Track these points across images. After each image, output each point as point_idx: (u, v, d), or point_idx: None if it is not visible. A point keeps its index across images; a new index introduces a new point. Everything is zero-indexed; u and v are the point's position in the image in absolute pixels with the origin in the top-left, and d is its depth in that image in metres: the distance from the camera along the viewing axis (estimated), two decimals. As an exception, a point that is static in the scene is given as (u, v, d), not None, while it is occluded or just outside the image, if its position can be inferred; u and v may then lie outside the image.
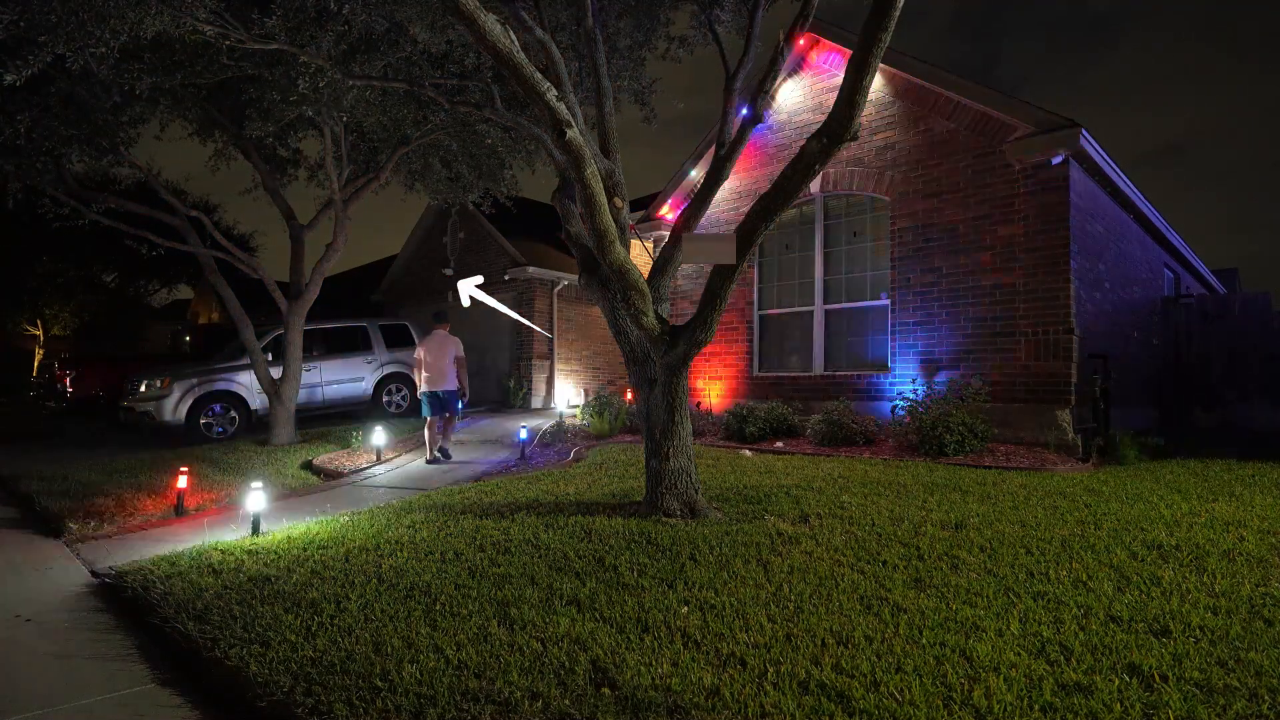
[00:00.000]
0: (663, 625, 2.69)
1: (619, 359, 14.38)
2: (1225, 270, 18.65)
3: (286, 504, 5.83)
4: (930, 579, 3.15)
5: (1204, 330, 10.56)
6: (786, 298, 9.52)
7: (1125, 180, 8.08)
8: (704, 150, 10.02)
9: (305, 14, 6.16)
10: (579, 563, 3.50)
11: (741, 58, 5.34)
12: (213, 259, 10.06)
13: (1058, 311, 7.17)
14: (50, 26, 5.57)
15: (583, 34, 5.26)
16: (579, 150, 3.76)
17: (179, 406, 10.54)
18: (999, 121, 7.58)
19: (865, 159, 8.63)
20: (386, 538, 4.10)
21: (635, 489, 5.32)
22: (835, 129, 3.52)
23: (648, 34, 6.81)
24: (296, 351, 9.86)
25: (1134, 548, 3.59)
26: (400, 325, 13.53)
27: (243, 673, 2.41)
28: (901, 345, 8.23)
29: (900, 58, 8.22)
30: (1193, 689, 2.12)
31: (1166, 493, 5.07)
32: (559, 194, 5.21)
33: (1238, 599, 2.86)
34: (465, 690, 2.22)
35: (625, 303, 4.39)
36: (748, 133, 4.65)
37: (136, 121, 8.45)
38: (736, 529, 4.05)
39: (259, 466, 7.54)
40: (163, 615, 3.03)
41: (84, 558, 4.39)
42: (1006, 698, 2.08)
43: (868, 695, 2.11)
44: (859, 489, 5.22)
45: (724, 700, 2.11)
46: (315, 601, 3.03)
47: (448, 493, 5.84)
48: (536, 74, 3.58)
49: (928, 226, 8.10)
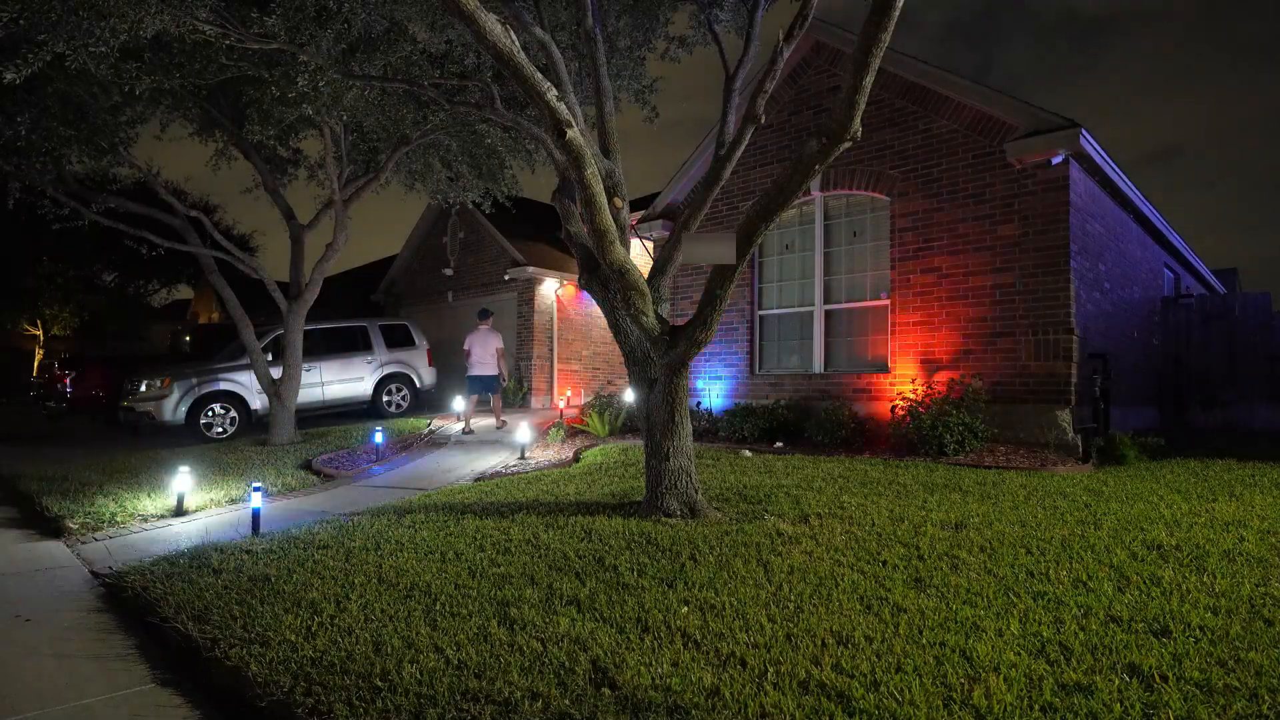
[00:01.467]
0: (663, 625, 2.69)
1: (619, 359, 14.37)
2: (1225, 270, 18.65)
3: (287, 504, 5.84)
4: (930, 579, 3.15)
5: (1204, 330, 10.56)
6: (786, 298, 9.52)
7: (1125, 180, 8.08)
8: (704, 151, 10.02)
9: (305, 13, 6.16)
10: (579, 563, 3.50)
11: (741, 58, 5.34)
12: (213, 259, 10.07)
13: (1058, 311, 7.17)
14: (50, 25, 5.57)
15: (583, 34, 5.26)
16: (579, 150, 3.76)
17: (179, 406, 10.54)
18: (999, 121, 7.58)
19: (865, 159, 8.63)
20: (387, 538, 4.10)
21: (635, 489, 5.31)
22: (835, 129, 3.52)
23: (647, 34, 6.82)
24: (296, 351, 9.87)
25: (1134, 548, 3.59)
26: (400, 325, 13.53)
27: (243, 673, 2.41)
28: (901, 345, 8.23)
29: (900, 58, 8.23)
30: (1193, 689, 2.12)
31: (1166, 493, 5.07)
32: (559, 194, 5.21)
33: (1238, 599, 2.86)
34: (465, 690, 2.22)
35: (625, 303, 4.39)
36: (747, 133, 4.65)
37: (136, 121, 8.45)
38: (736, 529, 4.05)
39: (259, 466, 7.54)
40: (163, 615, 3.02)
41: (84, 558, 4.38)
42: (1006, 698, 2.07)
43: (868, 695, 2.11)
44: (859, 489, 5.22)
45: (724, 700, 2.11)
46: (315, 601, 3.03)
47: (448, 493, 5.84)
48: (537, 74, 3.57)
49: (928, 226, 8.10)
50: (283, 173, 10.35)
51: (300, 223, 10.13)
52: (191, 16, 5.75)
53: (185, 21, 5.79)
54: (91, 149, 8.22)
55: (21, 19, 5.65)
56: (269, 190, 9.93)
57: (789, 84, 9.42)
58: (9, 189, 8.63)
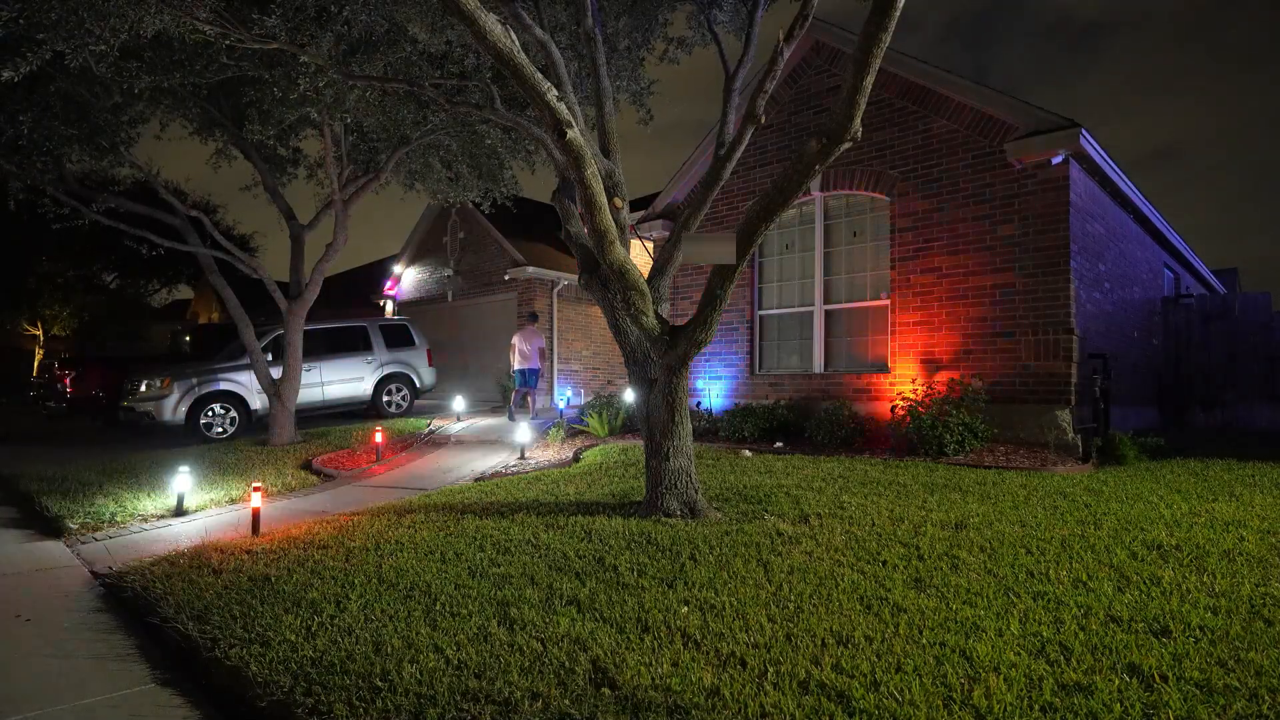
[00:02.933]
0: (663, 625, 2.69)
1: (619, 359, 14.38)
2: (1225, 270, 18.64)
3: (287, 504, 5.84)
4: (930, 579, 3.15)
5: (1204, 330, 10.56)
6: (786, 298, 9.52)
7: (1125, 180, 8.08)
8: (704, 151, 10.02)
9: (305, 14, 6.16)
10: (579, 563, 3.50)
11: (741, 58, 5.34)
12: (213, 259, 10.06)
13: (1058, 311, 7.17)
14: (50, 24, 5.58)
15: (582, 34, 5.26)
16: (579, 150, 3.76)
17: (179, 406, 10.54)
18: (999, 121, 7.58)
19: (865, 159, 8.63)
20: (386, 538, 4.10)
21: (635, 489, 5.31)
22: (835, 129, 3.52)
23: (647, 34, 6.81)
24: (297, 351, 9.86)
25: (1134, 548, 3.59)
26: (400, 325, 13.53)
27: (243, 673, 2.41)
28: (901, 345, 8.23)
29: (900, 58, 8.23)
30: (1193, 689, 2.12)
31: (1166, 493, 5.07)
32: (559, 194, 5.21)
33: (1238, 599, 2.86)
34: (465, 690, 2.22)
35: (625, 303, 4.39)
36: (747, 133, 4.65)
37: (136, 121, 8.46)
38: (736, 529, 4.05)
39: (259, 466, 7.54)
40: (163, 615, 3.03)
41: (84, 558, 4.38)
42: (1006, 698, 2.08)
43: (868, 695, 2.11)
44: (859, 489, 5.22)
45: (724, 700, 2.11)
46: (315, 601, 3.03)
47: (448, 493, 5.84)
48: (537, 74, 3.57)
49: (928, 226, 8.10)
50: (283, 172, 10.35)
51: (300, 222, 10.12)
52: (191, 17, 5.74)
53: (185, 22, 5.78)
54: (92, 148, 8.22)
55: (21, 18, 5.65)
56: (269, 190, 9.92)
57: (789, 84, 9.42)
58: (10, 188, 8.63)
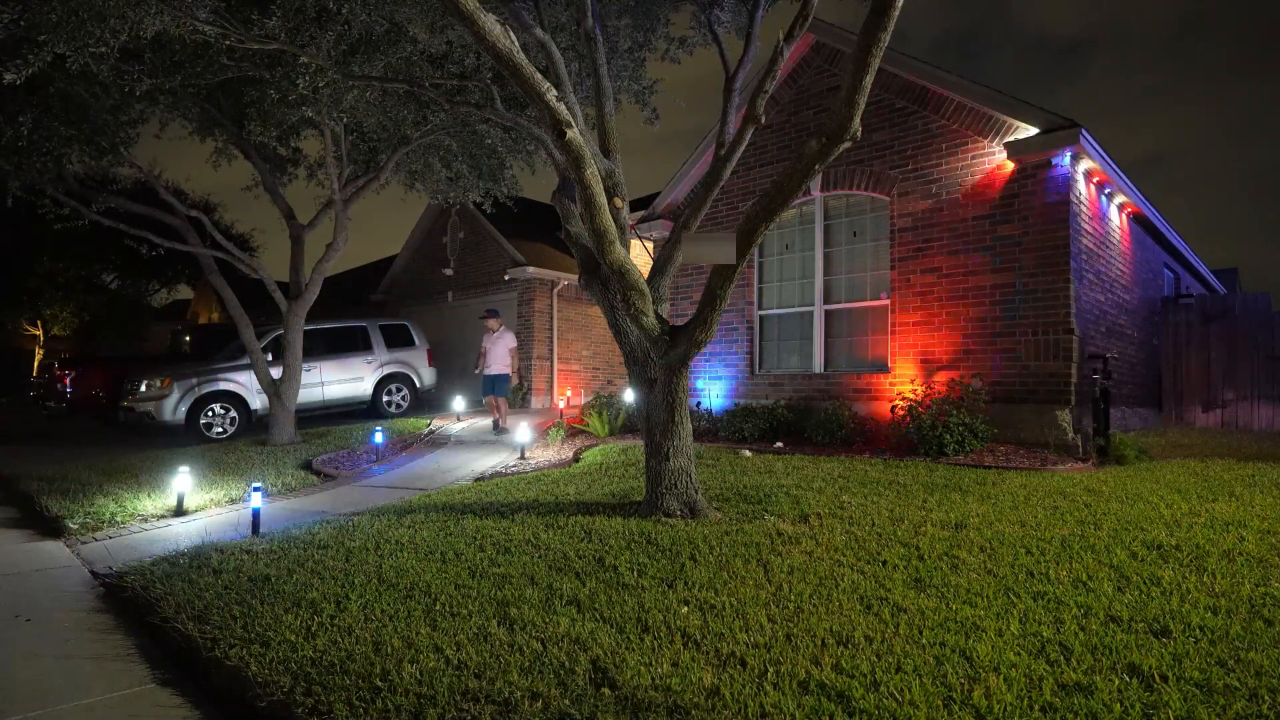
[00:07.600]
0: (663, 625, 2.69)
1: (619, 359, 14.38)
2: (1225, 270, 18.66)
3: (287, 504, 5.84)
4: (930, 579, 3.15)
5: (1204, 330, 10.56)
6: (786, 298, 9.52)
7: (1125, 180, 8.08)
8: (704, 151, 10.02)
9: (305, 14, 6.16)
10: (579, 563, 3.50)
11: (741, 58, 5.33)
12: (213, 259, 10.06)
13: (1058, 311, 7.17)
14: (50, 26, 5.57)
15: (582, 34, 5.26)
16: (579, 150, 3.76)
17: (179, 406, 10.54)
18: (999, 121, 7.58)
19: (865, 159, 8.63)
20: (387, 538, 4.10)
21: (635, 489, 5.31)
22: (835, 129, 3.52)
23: (647, 34, 6.81)
24: (297, 351, 9.86)
25: (1134, 548, 3.59)
26: (400, 325, 13.53)
27: (243, 673, 2.41)
28: (901, 345, 8.23)
29: (900, 58, 8.23)
30: (1193, 689, 2.12)
31: (1166, 493, 5.06)
32: (559, 194, 5.21)
33: (1238, 599, 2.86)
34: (465, 690, 2.22)
35: (625, 303, 4.39)
36: (747, 133, 4.64)
37: (136, 121, 8.45)
38: (736, 529, 4.05)
39: (259, 466, 7.54)
40: (163, 615, 3.02)
41: (84, 558, 4.38)
42: (1006, 698, 2.07)
43: (868, 695, 2.11)
44: (859, 489, 5.22)
45: (724, 700, 2.11)
46: (315, 601, 3.03)
47: (448, 493, 5.84)
48: (537, 74, 3.57)
49: (928, 226, 8.10)
50: (283, 172, 10.35)
51: (300, 223, 10.12)
52: (191, 17, 5.75)
53: (185, 23, 5.79)
54: (92, 149, 8.21)
55: (22, 20, 5.65)
56: (269, 190, 9.93)
57: (789, 84, 9.42)
58: (9, 188, 8.63)
